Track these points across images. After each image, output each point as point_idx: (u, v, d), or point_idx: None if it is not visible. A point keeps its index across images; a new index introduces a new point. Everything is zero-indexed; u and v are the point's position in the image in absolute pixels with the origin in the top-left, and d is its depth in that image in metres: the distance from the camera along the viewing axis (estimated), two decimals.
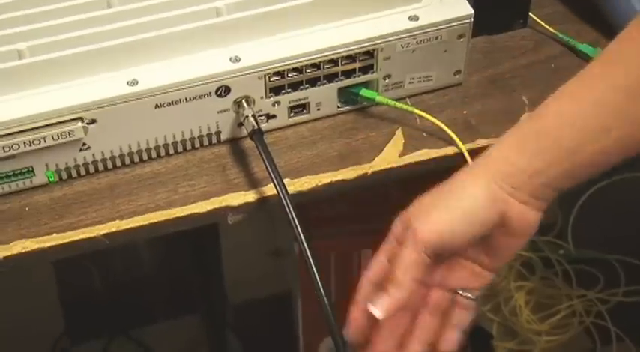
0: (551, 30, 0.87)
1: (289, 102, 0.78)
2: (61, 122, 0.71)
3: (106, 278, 1.46)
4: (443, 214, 0.62)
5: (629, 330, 1.36)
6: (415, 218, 0.63)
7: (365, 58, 0.78)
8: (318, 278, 0.70)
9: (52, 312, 1.41)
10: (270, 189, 0.75)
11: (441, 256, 0.64)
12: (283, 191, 0.71)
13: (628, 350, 1.36)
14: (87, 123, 0.72)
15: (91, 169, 0.75)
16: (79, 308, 1.42)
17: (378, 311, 0.61)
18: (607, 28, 0.86)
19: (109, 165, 0.75)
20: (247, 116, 0.75)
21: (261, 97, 0.76)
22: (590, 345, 1.36)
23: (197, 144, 0.78)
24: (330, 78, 0.78)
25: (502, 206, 0.62)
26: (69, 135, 0.71)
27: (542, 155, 0.62)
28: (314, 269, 0.70)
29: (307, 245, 0.70)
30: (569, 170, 0.62)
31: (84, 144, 0.73)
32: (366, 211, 1.12)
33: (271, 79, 0.76)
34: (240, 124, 0.77)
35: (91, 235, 0.72)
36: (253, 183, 0.75)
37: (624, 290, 1.37)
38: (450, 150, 0.78)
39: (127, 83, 0.72)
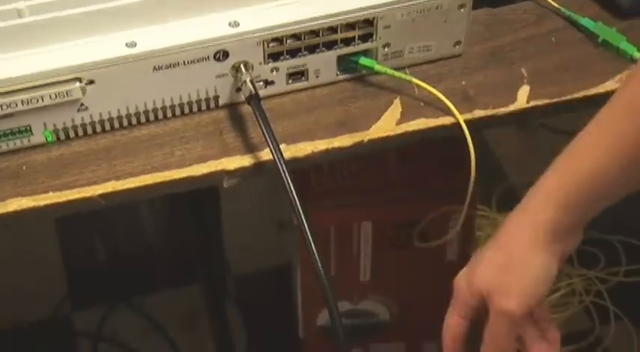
0: (554, 4, 0.87)
1: (288, 69, 0.78)
2: (59, 82, 0.71)
3: (109, 247, 1.47)
4: (523, 286, 0.65)
5: (628, 310, 1.37)
6: (498, 295, 0.65)
7: (364, 26, 0.78)
8: (313, 246, 0.71)
9: (54, 278, 1.42)
10: (266, 154, 0.75)
11: None
12: (279, 156, 0.72)
13: (627, 330, 1.36)
14: (85, 84, 0.72)
15: (89, 130, 0.76)
16: (81, 275, 1.43)
17: None
18: (609, 3, 0.86)
19: (107, 127, 0.76)
20: (245, 81, 0.75)
21: (260, 63, 0.77)
22: (589, 324, 1.36)
23: (195, 109, 0.78)
24: (329, 45, 0.78)
25: (561, 261, 0.67)
26: (67, 95, 0.72)
27: (585, 209, 0.65)
28: (308, 232, 0.70)
29: (302, 210, 0.70)
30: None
31: (82, 104, 0.73)
32: (365, 184, 1.12)
33: (270, 45, 0.76)
34: (238, 90, 0.77)
35: (87, 195, 0.72)
36: (250, 148, 0.76)
37: (625, 270, 1.38)
38: (447, 120, 0.78)
39: (126, 45, 0.73)
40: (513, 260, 0.65)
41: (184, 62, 0.74)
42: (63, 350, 1.35)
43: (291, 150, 0.76)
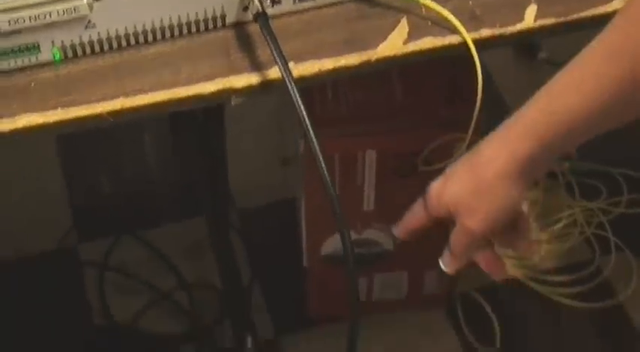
0: None
1: None
2: None
3: (114, 180, 1.48)
4: (487, 212, 0.70)
5: (628, 241, 1.38)
6: (464, 215, 0.71)
7: None
8: (322, 159, 0.71)
9: (59, 212, 1.43)
10: (273, 73, 0.75)
11: None
12: (287, 72, 0.72)
13: (627, 261, 1.37)
14: (92, 0, 0.72)
15: (97, 48, 0.76)
16: (86, 208, 1.44)
17: (445, 268, 0.75)
18: None
19: (115, 45, 0.76)
20: None
21: None
22: (590, 255, 1.38)
23: (202, 28, 0.78)
24: None
25: (528, 189, 0.71)
26: (74, 11, 0.72)
27: (562, 144, 0.68)
28: (317, 147, 0.71)
29: (311, 125, 0.71)
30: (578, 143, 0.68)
31: (89, 21, 0.73)
32: (369, 113, 1.12)
33: None
34: (246, 8, 0.77)
35: (95, 112, 0.72)
36: (257, 67, 0.76)
37: (627, 201, 1.39)
38: (454, 39, 0.78)
39: None
40: (484, 186, 0.69)
41: None
42: (69, 280, 1.37)
43: (299, 69, 0.76)
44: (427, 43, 0.77)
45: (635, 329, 1.33)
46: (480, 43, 0.78)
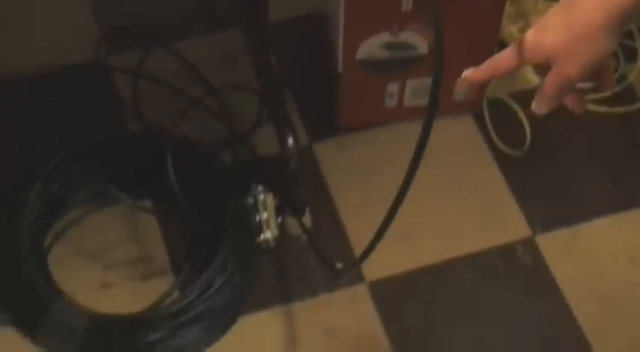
0: None
1: None
2: None
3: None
4: (585, 60, 0.75)
5: None
6: (563, 62, 0.76)
7: None
8: None
9: (91, 25, 1.44)
10: None
11: None
12: None
13: None
14: None
15: None
16: (117, 20, 1.44)
17: (536, 109, 0.79)
18: None
19: None
20: None
21: None
22: (615, 63, 1.40)
23: None
24: None
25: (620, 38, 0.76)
26: None
27: None
28: None
29: None
30: None
31: None
32: None
33: None
34: None
35: None
36: None
37: None
38: None
39: None
40: (583, 36, 0.75)
41: None
42: (103, 89, 1.39)
43: None
44: None
45: None
46: None
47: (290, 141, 1.20)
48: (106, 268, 1.24)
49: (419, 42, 1.25)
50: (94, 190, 1.26)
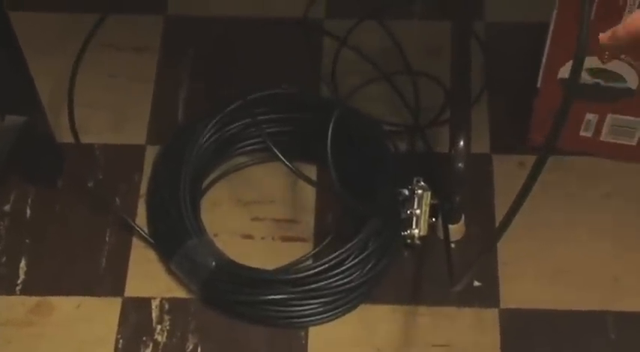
0: None
1: None
2: None
3: None
4: None
5: None
6: None
7: None
8: None
9: None
10: None
11: None
12: None
13: None
14: None
15: None
16: None
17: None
18: None
19: None
20: None
21: None
22: None
23: None
24: None
25: None
26: None
27: None
28: None
29: None
30: None
31: None
32: None
33: None
34: None
35: None
36: None
37: None
38: None
39: None
40: None
41: None
42: (305, 48, 1.40)
43: None
44: None
45: None
46: None
47: (461, 143, 1.15)
48: (253, 220, 1.26)
49: (630, 75, 1.16)
50: (263, 143, 1.28)
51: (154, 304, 1.18)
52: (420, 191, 1.20)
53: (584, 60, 0.72)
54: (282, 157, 1.12)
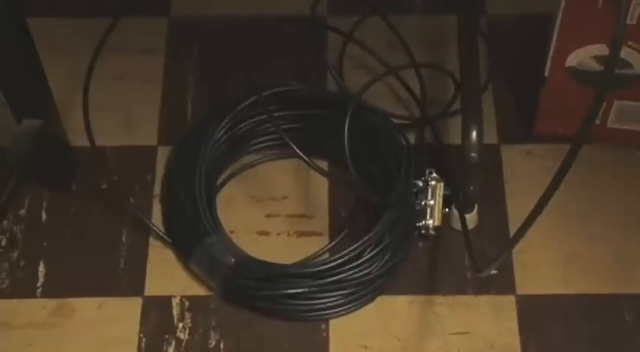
0: None
1: None
2: None
3: None
4: None
5: None
6: None
7: None
8: None
9: None
10: None
11: None
12: None
13: None
14: None
15: None
16: None
17: None
18: None
19: None
20: None
21: None
22: None
23: None
24: None
25: None
26: None
27: None
28: None
29: None
30: None
31: None
32: None
33: None
34: None
35: None
36: None
37: None
38: None
39: None
40: None
41: None
42: (311, 45, 1.41)
43: None
44: None
45: None
46: None
47: (474, 134, 1.17)
48: (267, 216, 1.27)
49: (638, 62, 1.18)
50: (275, 139, 1.29)
51: (175, 302, 1.19)
52: (433, 182, 1.22)
53: (619, 54, 0.73)
54: (298, 151, 1.13)
